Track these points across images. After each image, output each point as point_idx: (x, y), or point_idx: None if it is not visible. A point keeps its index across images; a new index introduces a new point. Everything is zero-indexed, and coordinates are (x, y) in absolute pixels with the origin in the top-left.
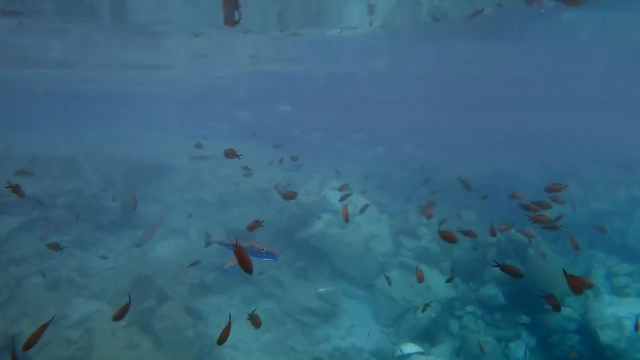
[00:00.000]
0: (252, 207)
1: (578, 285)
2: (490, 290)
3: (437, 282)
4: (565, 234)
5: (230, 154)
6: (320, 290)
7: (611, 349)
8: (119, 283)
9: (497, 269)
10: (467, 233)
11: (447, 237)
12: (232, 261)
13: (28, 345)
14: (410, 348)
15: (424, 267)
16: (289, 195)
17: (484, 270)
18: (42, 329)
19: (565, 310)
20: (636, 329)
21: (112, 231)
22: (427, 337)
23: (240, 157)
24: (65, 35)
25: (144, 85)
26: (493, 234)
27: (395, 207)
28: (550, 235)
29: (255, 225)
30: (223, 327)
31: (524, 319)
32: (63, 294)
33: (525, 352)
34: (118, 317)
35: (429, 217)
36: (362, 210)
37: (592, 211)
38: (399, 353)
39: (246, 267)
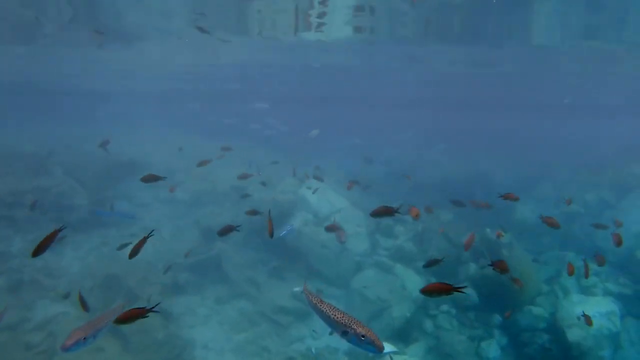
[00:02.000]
0: (226, 205)
1: None
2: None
3: (412, 282)
4: (538, 234)
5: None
6: (295, 289)
7: (578, 346)
8: (87, 284)
9: (471, 269)
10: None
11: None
12: (81, 332)
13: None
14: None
15: (399, 267)
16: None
17: (458, 270)
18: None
19: (535, 309)
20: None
21: (81, 230)
22: (401, 336)
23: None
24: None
25: (120, 80)
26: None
27: (372, 206)
28: (523, 236)
29: (228, 230)
30: (196, 328)
31: (497, 318)
32: (25, 296)
33: None
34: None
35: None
36: None
37: (563, 213)
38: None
39: None
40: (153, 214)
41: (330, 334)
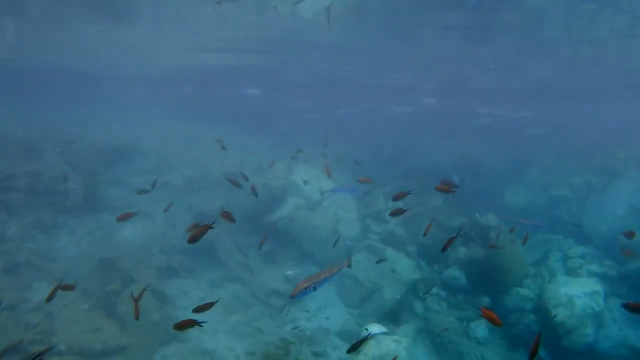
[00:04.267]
0: (218, 190)
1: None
2: (454, 273)
3: (402, 265)
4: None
5: None
6: (288, 273)
7: (562, 325)
8: (82, 267)
9: (460, 253)
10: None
11: None
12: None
13: None
14: (375, 328)
15: (390, 251)
16: None
17: (448, 254)
18: None
19: (522, 291)
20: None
21: (75, 214)
22: (392, 318)
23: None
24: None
25: (111, 63)
26: None
27: (363, 191)
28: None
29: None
30: (190, 309)
31: (485, 300)
32: (22, 277)
33: None
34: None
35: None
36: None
37: (551, 196)
38: (365, 333)
39: None
40: (146, 198)
41: None
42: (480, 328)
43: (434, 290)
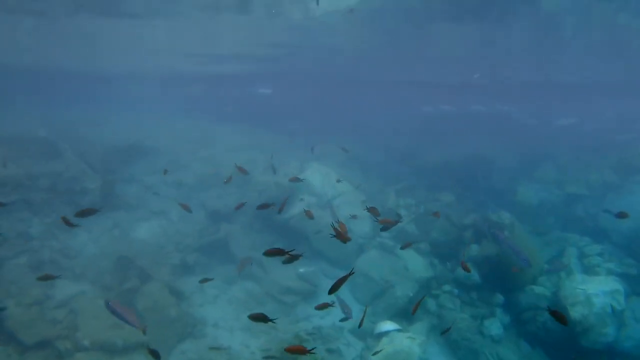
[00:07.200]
0: (231, 188)
1: None
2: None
3: (414, 263)
4: (540, 216)
5: None
6: (300, 270)
7: (580, 324)
8: (101, 264)
9: (473, 250)
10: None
11: None
12: None
13: None
14: (388, 326)
15: None
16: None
17: (460, 251)
18: None
19: (537, 289)
20: None
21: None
22: (404, 315)
23: None
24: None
25: (125, 64)
26: None
27: (374, 188)
28: (525, 217)
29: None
30: (205, 306)
31: (499, 297)
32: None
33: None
34: None
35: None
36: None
37: (567, 194)
38: (378, 331)
39: None
40: (160, 196)
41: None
42: (495, 326)
43: (447, 287)
